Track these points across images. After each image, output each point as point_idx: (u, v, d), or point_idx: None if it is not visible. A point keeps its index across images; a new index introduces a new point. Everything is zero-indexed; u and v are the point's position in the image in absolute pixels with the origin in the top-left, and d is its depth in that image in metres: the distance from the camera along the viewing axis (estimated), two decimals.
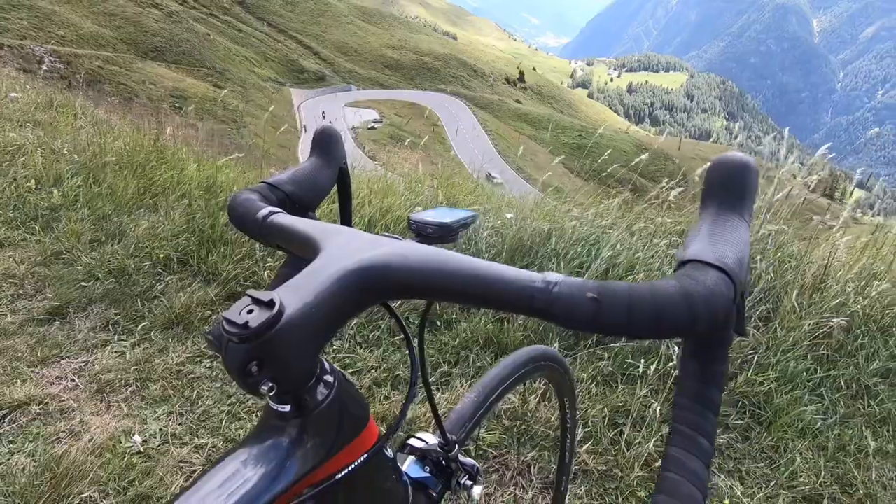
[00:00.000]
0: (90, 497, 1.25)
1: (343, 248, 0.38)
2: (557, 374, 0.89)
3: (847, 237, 2.16)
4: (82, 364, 1.68)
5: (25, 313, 1.90)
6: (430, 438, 0.54)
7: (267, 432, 0.35)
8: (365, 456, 0.38)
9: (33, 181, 2.77)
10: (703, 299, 0.30)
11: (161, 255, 2.17)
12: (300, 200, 0.54)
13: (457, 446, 0.53)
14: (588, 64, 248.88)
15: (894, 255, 2.28)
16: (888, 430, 1.65)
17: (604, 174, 3.14)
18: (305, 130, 29.10)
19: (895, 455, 1.56)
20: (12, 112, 4.20)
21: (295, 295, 0.33)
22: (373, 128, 40.11)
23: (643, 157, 2.31)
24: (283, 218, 0.46)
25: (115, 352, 1.74)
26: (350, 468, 0.37)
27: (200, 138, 5.15)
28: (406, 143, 7.58)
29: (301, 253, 0.43)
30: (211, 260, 2.13)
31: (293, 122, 36.77)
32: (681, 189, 2.34)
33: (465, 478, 0.53)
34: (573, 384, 0.96)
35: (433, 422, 0.58)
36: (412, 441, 0.54)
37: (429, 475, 0.53)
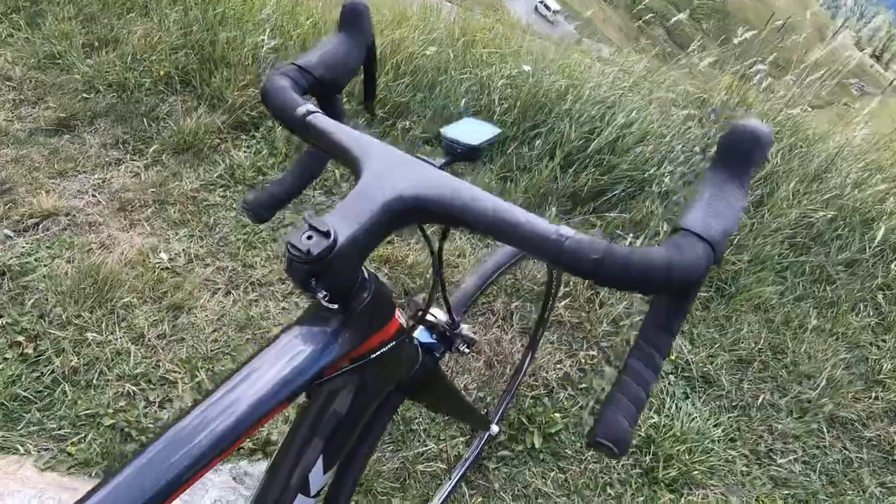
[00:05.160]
0: (130, 302, 1.44)
1: (383, 173, 0.42)
2: None
3: (865, 130, 2.11)
4: (100, 181, 1.75)
5: (32, 122, 1.90)
6: (439, 313, 0.65)
7: (317, 320, 0.44)
8: (392, 343, 0.48)
9: None
10: (683, 269, 0.36)
11: (161, 72, 2.08)
12: (329, 84, 0.55)
13: (461, 325, 0.65)
14: None
15: None
16: (832, 313, 1.86)
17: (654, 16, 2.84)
18: None
19: (829, 333, 1.80)
20: None
21: (345, 222, 0.39)
22: None
23: (681, 15, 2.09)
24: (323, 121, 0.48)
25: (130, 172, 1.80)
26: (380, 352, 0.46)
27: None
28: None
29: (339, 161, 0.47)
30: (214, 83, 2.06)
31: None
32: (712, 59, 2.19)
33: (464, 346, 0.66)
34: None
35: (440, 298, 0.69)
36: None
37: (435, 341, 0.65)
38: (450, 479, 1.23)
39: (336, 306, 0.43)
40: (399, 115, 2.03)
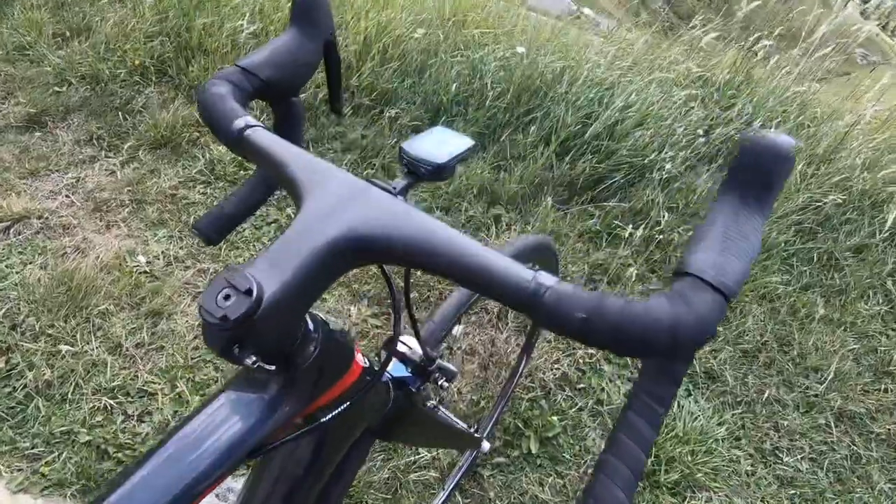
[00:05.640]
0: (107, 309, 1.37)
1: (327, 204, 0.35)
2: (546, 259, 0.92)
3: (876, 106, 2.01)
4: (74, 180, 1.67)
5: (1, 118, 1.81)
6: (413, 343, 0.58)
7: (252, 384, 0.37)
8: (348, 404, 0.41)
9: None
10: (691, 331, 0.29)
11: (136, 62, 1.97)
12: (280, 86, 0.47)
13: (438, 360, 0.58)
14: None
15: None
16: (839, 301, 1.79)
17: None
18: None
19: (837, 323, 1.73)
20: None
21: (274, 273, 0.32)
22: None
23: None
24: (264, 137, 0.40)
25: (106, 170, 1.72)
26: (334, 414, 0.40)
27: None
28: None
29: (281, 185, 0.40)
30: (192, 72, 1.96)
31: None
32: (716, 34, 2.07)
33: (443, 379, 0.59)
34: (557, 263, 0.99)
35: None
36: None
37: (409, 374, 0.58)
38: (443, 488, 1.18)
39: (273, 367, 0.36)
40: (386, 103, 1.93)
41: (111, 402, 1.21)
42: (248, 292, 0.30)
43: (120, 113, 1.86)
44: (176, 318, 1.39)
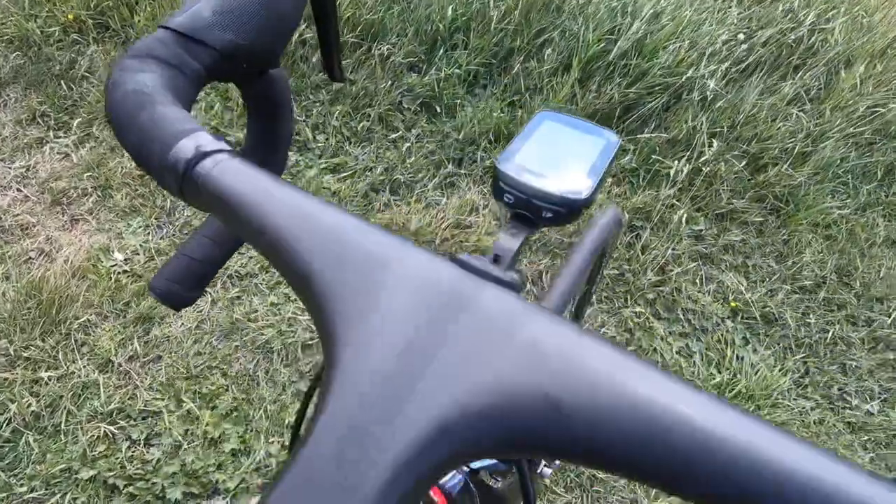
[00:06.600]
0: (88, 321, 1.20)
1: (402, 347, 0.15)
2: (616, 231, 0.73)
3: None
4: (23, 170, 1.43)
5: None
6: None
7: None
8: None
9: None
10: None
11: (70, 16, 1.66)
12: (247, 54, 0.27)
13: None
14: None
15: None
16: None
17: None
18: None
19: None
20: None
21: None
22: None
23: None
24: (237, 176, 0.21)
25: (58, 153, 1.47)
26: None
27: None
28: None
29: (290, 284, 0.21)
30: (139, 23, 1.65)
31: None
32: None
33: (543, 465, 0.42)
34: (620, 235, 0.80)
35: None
36: None
37: (494, 461, 0.41)
38: None
39: None
40: (374, 39, 1.64)
41: (111, 428, 1.07)
42: None
43: (62, 82, 1.58)
44: (169, 321, 1.22)
